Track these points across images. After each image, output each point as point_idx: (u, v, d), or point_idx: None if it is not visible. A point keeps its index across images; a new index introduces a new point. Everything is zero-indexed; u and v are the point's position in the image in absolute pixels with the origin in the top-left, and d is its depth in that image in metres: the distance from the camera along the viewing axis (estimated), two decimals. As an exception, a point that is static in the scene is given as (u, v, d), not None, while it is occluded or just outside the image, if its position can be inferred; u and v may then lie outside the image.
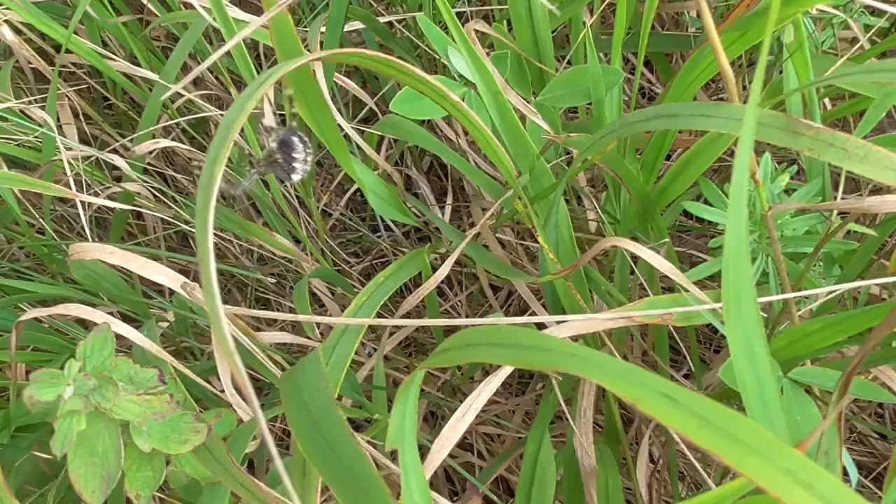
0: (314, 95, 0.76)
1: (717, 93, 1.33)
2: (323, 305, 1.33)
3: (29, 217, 1.22)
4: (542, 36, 0.89)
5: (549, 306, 0.93)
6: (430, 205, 1.36)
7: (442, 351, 0.56)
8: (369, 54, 0.61)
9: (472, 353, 0.53)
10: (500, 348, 0.50)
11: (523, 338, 0.49)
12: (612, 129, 0.73)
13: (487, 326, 0.52)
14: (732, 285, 0.48)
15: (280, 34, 0.69)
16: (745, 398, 0.53)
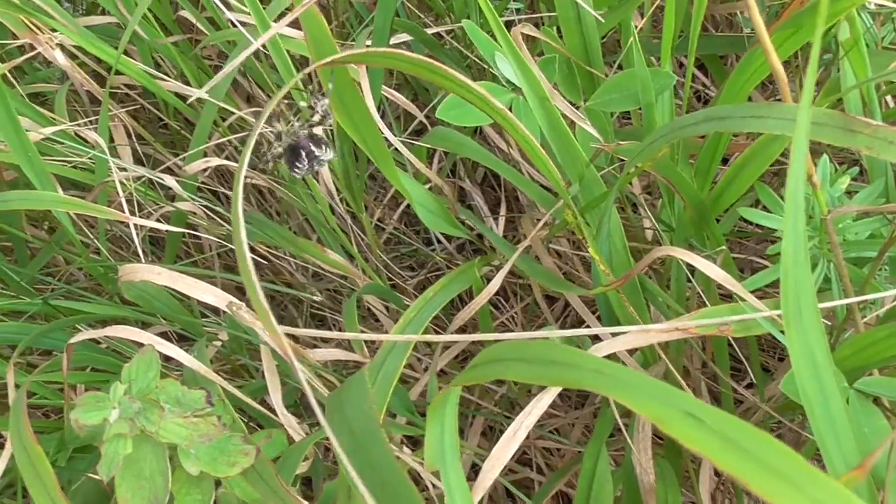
0: (358, 107, 0.75)
1: (774, 94, 1.30)
2: (379, 321, 1.32)
3: (85, 237, 1.23)
4: (591, 39, 0.87)
5: (604, 318, 0.91)
6: (484, 216, 1.35)
7: (472, 367, 0.54)
8: (406, 56, 0.59)
9: (500, 369, 0.51)
10: (526, 365, 0.49)
11: (550, 354, 0.47)
12: (662, 135, 0.71)
13: (516, 341, 0.50)
14: (792, 294, 0.46)
15: (313, 36, 0.68)
16: (809, 411, 0.50)
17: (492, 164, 0.98)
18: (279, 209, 1.43)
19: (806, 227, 0.72)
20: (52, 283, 1.23)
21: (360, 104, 0.75)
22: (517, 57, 0.75)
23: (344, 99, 0.73)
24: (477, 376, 0.54)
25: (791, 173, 0.40)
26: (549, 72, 0.85)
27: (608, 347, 0.69)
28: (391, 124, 1.34)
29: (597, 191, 0.83)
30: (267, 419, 0.98)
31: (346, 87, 0.72)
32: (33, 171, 1.01)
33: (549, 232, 0.98)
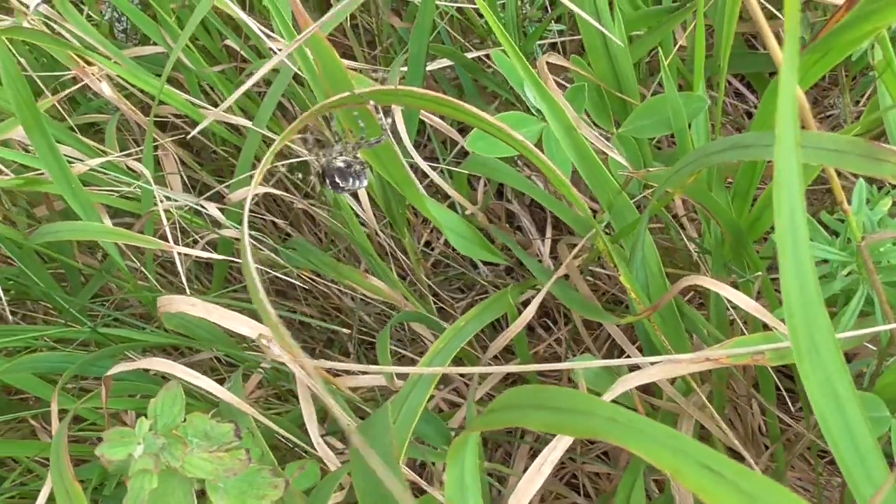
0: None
1: (823, 111, 1.27)
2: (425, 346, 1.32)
3: (135, 264, 1.25)
4: (620, 65, 0.86)
5: (644, 346, 0.90)
6: (533, 238, 1.34)
7: (490, 412, 0.53)
8: (418, 92, 0.59)
9: (516, 416, 0.50)
10: (541, 412, 0.48)
11: (564, 400, 0.46)
12: (689, 163, 0.70)
13: (532, 388, 0.49)
14: (802, 330, 0.45)
15: (325, 65, 0.68)
16: (834, 448, 0.49)
17: (527, 189, 0.97)
18: (329, 234, 1.44)
19: (840, 253, 0.70)
20: (102, 310, 1.25)
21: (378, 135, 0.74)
22: (540, 88, 0.74)
23: (368, 130, 0.73)
24: (493, 422, 0.54)
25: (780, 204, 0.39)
26: (578, 101, 0.84)
27: (636, 379, 0.68)
28: (437, 149, 1.34)
29: (629, 217, 0.82)
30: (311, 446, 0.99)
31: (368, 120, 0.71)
32: (77, 202, 1.03)
33: (586, 258, 0.97)
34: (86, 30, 1.20)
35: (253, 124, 1.19)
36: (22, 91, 0.92)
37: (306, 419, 0.84)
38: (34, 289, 1.19)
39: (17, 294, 1.31)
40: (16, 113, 0.93)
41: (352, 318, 1.39)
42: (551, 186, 1.22)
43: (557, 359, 1.34)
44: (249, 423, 0.76)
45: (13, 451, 1.10)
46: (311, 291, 1.41)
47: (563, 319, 1.34)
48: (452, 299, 1.42)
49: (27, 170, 1.14)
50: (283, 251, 1.18)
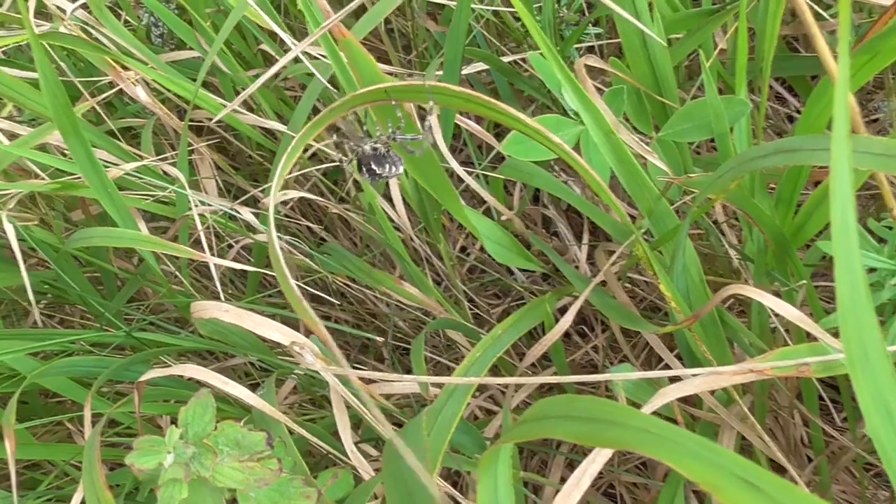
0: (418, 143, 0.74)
1: (867, 115, 1.24)
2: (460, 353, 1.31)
3: (169, 267, 1.25)
4: (660, 67, 0.84)
5: (684, 356, 0.88)
6: (569, 244, 1.32)
7: (522, 423, 0.52)
8: (451, 90, 0.58)
9: (547, 427, 0.49)
10: (572, 423, 0.46)
11: (596, 411, 0.45)
12: (731, 168, 0.68)
13: (565, 398, 0.48)
14: (854, 338, 0.43)
15: (355, 60, 0.67)
16: (886, 462, 0.47)
17: (564, 194, 0.96)
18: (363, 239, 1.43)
19: (889, 262, 0.68)
20: (137, 315, 1.25)
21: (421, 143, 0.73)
22: (577, 91, 0.73)
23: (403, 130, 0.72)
24: (526, 434, 0.52)
25: (835, 209, 0.37)
26: (617, 104, 0.82)
27: (677, 391, 0.66)
28: (472, 154, 1.33)
29: (669, 223, 0.80)
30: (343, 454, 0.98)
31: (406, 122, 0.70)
32: (113, 207, 1.03)
33: (624, 265, 0.95)
34: (122, 34, 1.20)
35: (287, 129, 1.18)
36: (59, 96, 0.92)
37: (340, 428, 0.83)
38: (70, 293, 1.19)
39: (53, 298, 1.31)
40: (53, 117, 0.93)
41: (387, 323, 1.38)
42: (588, 192, 1.20)
43: (594, 366, 1.32)
44: (282, 432, 0.75)
45: (49, 455, 1.10)
46: (345, 296, 1.40)
47: (600, 326, 1.32)
48: (488, 305, 1.40)
49: (63, 174, 1.14)
50: (318, 256, 1.17)
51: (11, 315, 1.43)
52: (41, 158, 1.08)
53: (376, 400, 0.83)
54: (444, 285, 1.37)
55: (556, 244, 1.36)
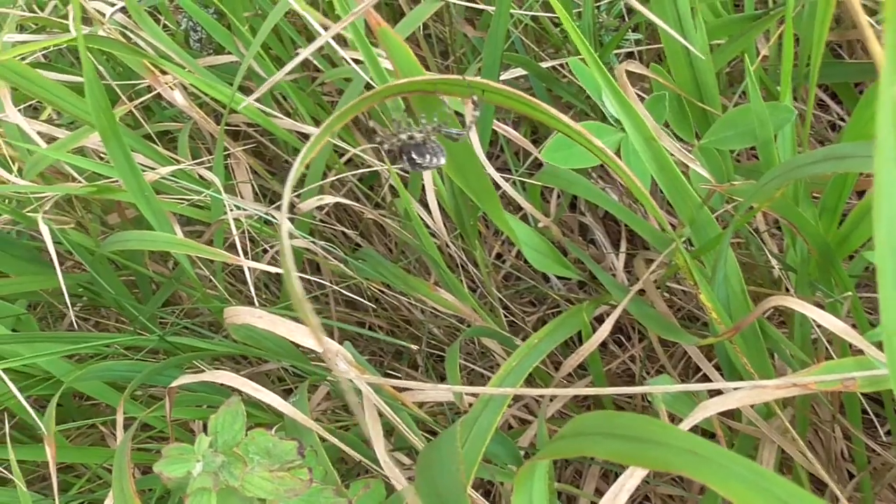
0: (461, 148, 0.72)
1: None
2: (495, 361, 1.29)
3: (203, 272, 1.24)
4: (702, 73, 0.82)
5: (723, 368, 0.86)
6: (606, 252, 1.31)
7: (559, 439, 0.50)
8: (490, 86, 0.56)
9: (584, 445, 0.48)
10: (612, 441, 0.45)
11: (639, 429, 0.43)
12: (776, 175, 0.66)
13: (604, 414, 0.46)
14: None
15: (392, 50, 0.65)
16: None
17: (603, 202, 0.94)
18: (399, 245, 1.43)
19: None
20: (171, 319, 1.25)
21: (463, 146, 0.72)
22: (619, 96, 0.71)
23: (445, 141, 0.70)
24: (563, 451, 0.51)
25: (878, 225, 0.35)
26: (658, 111, 0.81)
27: (718, 405, 0.65)
28: (509, 160, 1.31)
29: (711, 232, 0.78)
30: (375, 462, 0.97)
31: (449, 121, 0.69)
32: (150, 210, 1.03)
33: (663, 274, 0.93)
34: (160, 38, 1.20)
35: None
36: (100, 99, 0.92)
37: (372, 437, 0.82)
38: (105, 296, 1.19)
39: (89, 301, 1.31)
40: (94, 121, 0.93)
41: (421, 330, 1.37)
42: (626, 200, 1.19)
43: (631, 376, 1.30)
44: (314, 440, 0.74)
45: (81, 458, 1.10)
46: (380, 303, 1.39)
47: (637, 335, 1.30)
48: (523, 313, 1.39)
49: (100, 177, 1.14)
50: (353, 262, 1.17)
51: (47, 317, 1.43)
52: (79, 162, 1.08)
53: (409, 408, 0.82)
54: (480, 292, 1.36)
55: (592, 252, 1.35)
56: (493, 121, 1.05)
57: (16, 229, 1.23)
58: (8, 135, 1.22)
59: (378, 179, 1.41)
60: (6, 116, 1.10)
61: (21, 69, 0.97)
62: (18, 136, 1.18)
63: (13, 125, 1.17)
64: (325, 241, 1.36)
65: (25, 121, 1.11)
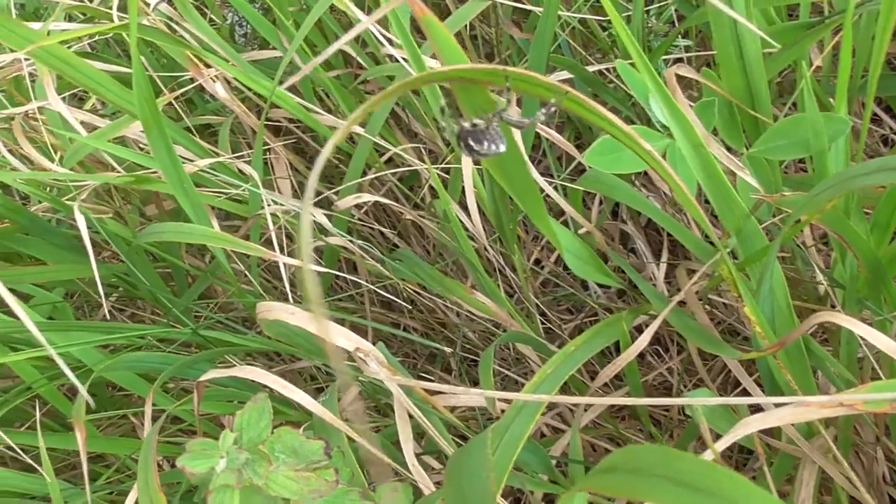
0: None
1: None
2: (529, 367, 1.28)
3: (239, 266, 1.24)
4: (755, 80, 0.80)
5: (765, 383, 0.83)
6: (647, 262, 1.28)
7: (605, 471, 0.48)
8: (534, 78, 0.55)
9: (637, 486, 0.45)
10: (671, 486, 0.42)
11: (706, 479, 0.41)
12: (830, 186, 0.64)
13: (663, 451, 0.44)
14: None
15: (436, 39, 0.63)
16: None
17: (646, 209, 0.92)
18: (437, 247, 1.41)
19: None
20: (205, 312, 1.25)
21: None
22: (668, 101, 0.69)
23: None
24: (608, 487, 0.48)
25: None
26: (707, 117, 0.79)
27: (761, 422, 0.62)
28: (552, 166, 1.30)
29: (758, 244, 0.76)
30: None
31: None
32: (188, 203, 1.02)
33: (705, 286, 0.91)
34: (204, 30, 1.20)
35: (365, 131, 1.16)
36: (145, 88, 0.91)
37: (402, 440, 0.81)
38: (140, 287, 1.19)
39: (125, 292, 1.31)
40: (137, 110, 0.92)
41: (456, 334, 1.35)
42: (669, 210, 1.16)
43: (668, 389, 1.28)
44: (341, 441, 0.73)
45: (111, 448, 1.10)
46: (415, 304, 1.38)
47: (675, 348, 1.28)
48: (560, 320, 1.37)
49: (139, 168, 1.14)
50: (390, 262, 1.15)
51: (84, 307, 1.44)
52: (119, 152, 1.08)
53: (440, 412, 0.80)
54: (517, 298, 1.34)
55: (633, 261, 1.33)
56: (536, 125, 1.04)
57: (55, 217, 1.23)
58: (50, 123, 1.22)
59: (418, 180, 1.39)
60: (49, 104, 1.10)
61: (66, 56, 0.96)
62: (60, 125, 1.18)
63: (55, 113, 1.17)
64: (363, 240, 1.35)
65: (67, 109, 1.11)
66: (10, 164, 1.16)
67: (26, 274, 1.14)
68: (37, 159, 1.15)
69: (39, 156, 1.16)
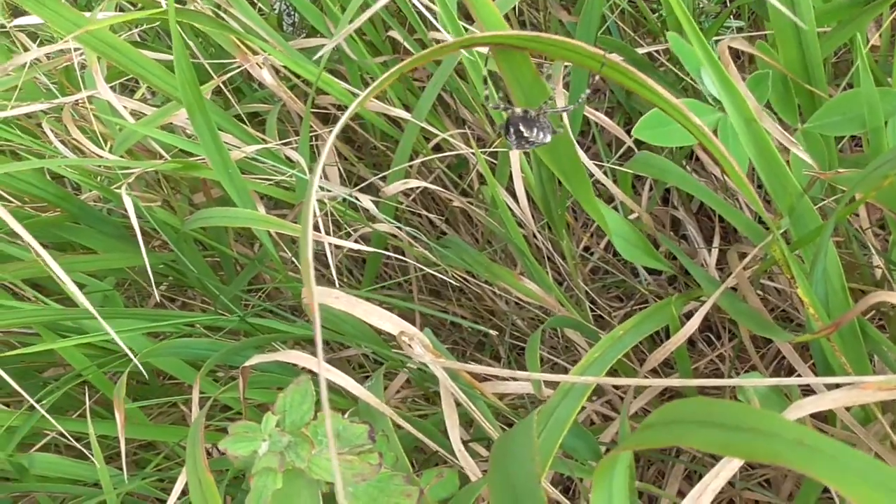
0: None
1: None
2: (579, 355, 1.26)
3: (287, 254, 1.24)
4: (811, 52, 0.78)
5: (819, 368, 0.81)
6: (699, 248, 1.26)
7: (646, 427, 0.47)
8: (587, 49, 0.53)
9: (676, 433, 0.44)
10: (710, 429, 0.41)
11: (741, 418, 0.40)
12: (887, 160, 0.62)
13: (698, 401, 0.43)
14: None
15: (479, 10, 0.63)
16: None
17: (696, 190, 0.90)
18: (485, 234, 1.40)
19: None
20: (253, 300, 1.25)
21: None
22: (720, 73, 0.67)
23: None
24: (650, 440, 0.47)
25: None
26: (761, 90, 0.76)
27: (815, 404, 0.60)
28: (601, 150, 1.28)
29: (811, 224, 0.74)
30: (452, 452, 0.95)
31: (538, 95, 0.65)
32: (234, 189, 1.02)
33: (757, 269, 0.89)
34: (251, 16, 1.19)
35: (412, 117, 1.15)
36: (187, 72, 0.91)
37: (448, 425, 0.80)
38: (189, 275, 1.19)
39: (175, 280, 1.32)
40: (181, 94, 0.93)
41: (504, 321, 1.34)
42: (720, 194, 1.14)
43: (720, 376, 1.26)
44: (386, 426, 0.72)
45: (159, 436, 1.10)
46: (464, 292, 1.37)
47: (727, 334, 1.26)
48: (610, 307, 1.35)
49: (186, 155, 1.14)
50: (437, 248, 1.14)
51: (135, 296, 1.45)
52: (165, 138, 1.08)
53: (487, 398, 0.79)
54: (566, 285, 1.32)
55: (684, 247, 1.31)
56: (584, 106, 1.02)
57: (106, 207, 1.24)
58: (99, 111, 1.23)
59: (466, 167, 1.38)
60: (98, 93, 1.11)
61: (115, 42, 0.97)
62: (109, 113, 1.19)
63: (105, 102, 1.18)
64: (411, 227, 1.34)
65: (116, 97, 1.12)
66: (60, 152, 1.17)
67: (77, 262, 1.15)
68: (86, 147, 1.16)
69: (89, 143, 1.17)
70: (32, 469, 1.00)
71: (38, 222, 1.14)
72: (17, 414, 0.99)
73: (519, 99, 0.65)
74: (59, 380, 1.11)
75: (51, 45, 1.23)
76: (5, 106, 1.16)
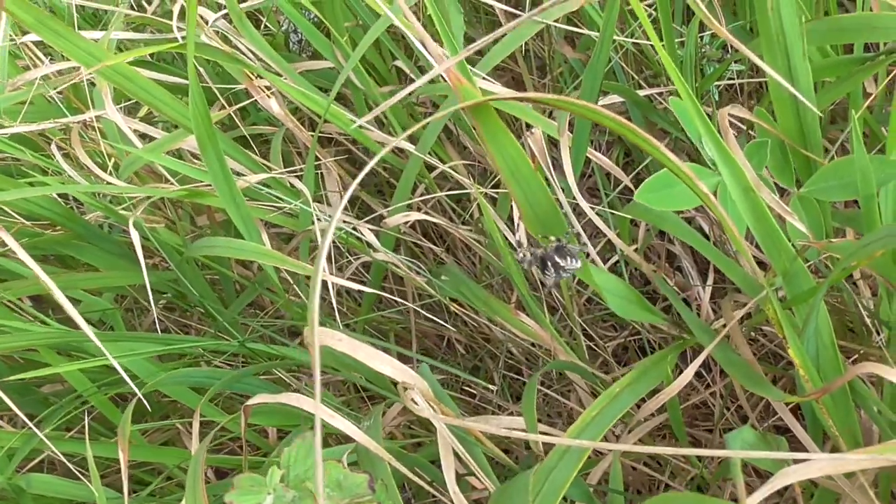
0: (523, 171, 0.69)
1: None
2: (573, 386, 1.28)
3: (288, 277, 1.25)
4: (808, 121, 0.80)
5: (808, 422, 0.83)
6: (693, 283, 1.28)
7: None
8: (589, 107, 0.55)
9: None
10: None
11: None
12: (878, 238, 0.64)
13: (692, 500, 0.44)
14: None
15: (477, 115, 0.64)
16: None
17: (694, 242, 0.92)
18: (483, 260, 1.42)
19: None
20: (253, 323, 1.26)
21: (525, 170, 0.68)
22: (718, 144, 0.69)
23: (513, 169, 0.67)
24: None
25: None
26: (759, 158, 0.79)
27: (797, 474, 0.62)
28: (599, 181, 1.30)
29: (804, 285, 0.76)
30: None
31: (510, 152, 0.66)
32: (239, 217, 1.04)
33: (751, 321, 0.91)
34: (259, 45, 1.21)
35: (416, 148, 1.17)
36: (201, 107, 0.93)
37: (445, 472, 0.81)
38: (189, 295, 1.21)
39: (173, 298, 1.33)
40: (193, 129, 0.94)
41: (500, 348, 1.36)
42: (715, 232, 1.16)
43: (710, 412, 1.28)
44: (384, 473, 0.73)
45: (158, 458, 1.12)
46: (460, 317, 1.39)
47: (717, 369, 1.27)
48: (604, 338, 1.37)
49: (193, 180, 1.15)
50: (436, 281, 1.16)
51: (133, 309, 1.46)
52: (173, 165, 1.10)
53: (485, 446, 0.81)
54: (560, 315, 1.34)
55: (678, 280, 1.32)
56: (587, 146, 1.04)
57: (108, 223, 1.26)
58: (106, 129, 1.24)
59: (468, 195, 1.40)
60: (105, 114, 1.12)
61: (126, 71, 0.98)
62: (116, 132, 1.20)
63: (111, 122, 1.19)
64: (410, 253, 1.36)
65: (123, 119, 1.13)
66: (65, 171, 1.18)
67: (80, 280, 1.17)
68: (92, 168, 1.18)
69: (94, 166, 1.18)
70: (30, 489, 1.02)
71: (43, 241, 1.16)
72: (17, 436, 1.00)
73: (535, 229, 0.68)
74: (57, 396, 1.13)
75: (61, 63, 1.25)
76: (13, 123, 1.18)
